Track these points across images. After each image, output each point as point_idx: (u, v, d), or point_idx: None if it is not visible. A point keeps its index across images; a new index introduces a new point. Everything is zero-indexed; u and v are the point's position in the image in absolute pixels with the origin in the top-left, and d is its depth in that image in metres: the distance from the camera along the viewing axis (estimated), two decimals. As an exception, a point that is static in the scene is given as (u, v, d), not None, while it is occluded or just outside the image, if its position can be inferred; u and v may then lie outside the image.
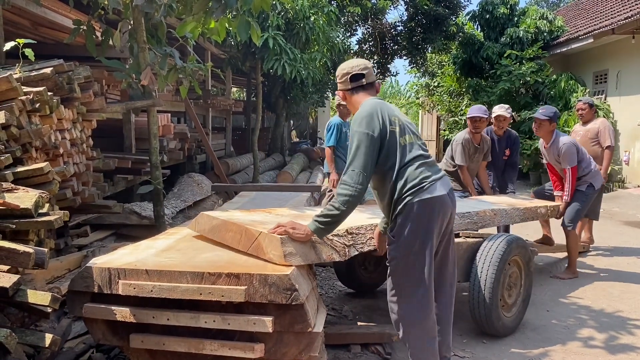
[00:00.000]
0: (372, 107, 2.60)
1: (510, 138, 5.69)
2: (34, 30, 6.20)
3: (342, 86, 2.80)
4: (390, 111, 2.63)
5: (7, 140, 3.30)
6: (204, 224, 2.84)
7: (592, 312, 4.22)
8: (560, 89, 12.21)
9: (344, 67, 2.78)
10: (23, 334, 2.28)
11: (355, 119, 2.59)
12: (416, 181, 2.52)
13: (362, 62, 2.80)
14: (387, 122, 2.57)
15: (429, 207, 2.52)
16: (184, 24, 3.87)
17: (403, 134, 2.60)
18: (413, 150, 2.60)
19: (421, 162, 2.59)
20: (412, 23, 15.81)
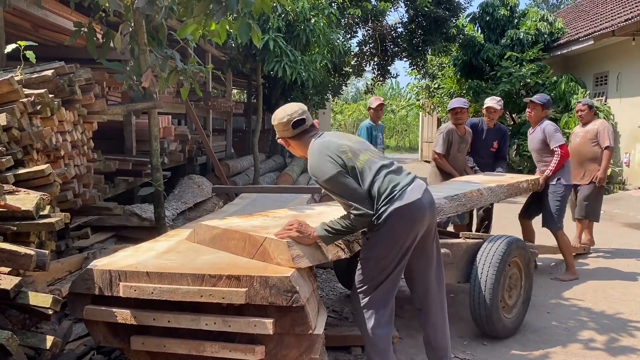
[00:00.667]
0: (318, 153, 2.60)
1: (500, 131, 5.81)
2: (35, 32, 6.21)
3: (283, 134, 2.74)
4: (336, 144, 2.62)
5: (8, 142, 3.30)
6: (204, 234, 2.79)
7: (593, 314, 4.22)
8: (560, 91, 12.21)
9: (282, 116, 2.71)
10: (24, 335, 2.29)
11: (313, 171, 2.60)
12: (387, 191, 2.54)
13: (298, 107, 2.75)
14: (337, 155, 2.57)
15: (402, 215, 2.53)
16: (184, 26, 3.88)
17: (357, 157, 2.61)
18: (373, 165, 2.61)
19: (385, 172, 2.60)
20: (412, 25, 15.83)
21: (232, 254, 2.59)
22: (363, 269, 2.65)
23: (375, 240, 2.58)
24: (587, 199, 5.93)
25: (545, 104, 5.36)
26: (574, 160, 6.02)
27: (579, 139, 6.09)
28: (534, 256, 4.44)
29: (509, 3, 14.57)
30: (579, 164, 6.01)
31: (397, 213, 2.51)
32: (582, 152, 5.99)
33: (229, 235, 2.64)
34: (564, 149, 5.16)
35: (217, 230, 2.72)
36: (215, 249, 2.69)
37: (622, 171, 11.49)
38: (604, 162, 5.84)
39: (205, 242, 2.77)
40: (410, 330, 3.76)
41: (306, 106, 2.82)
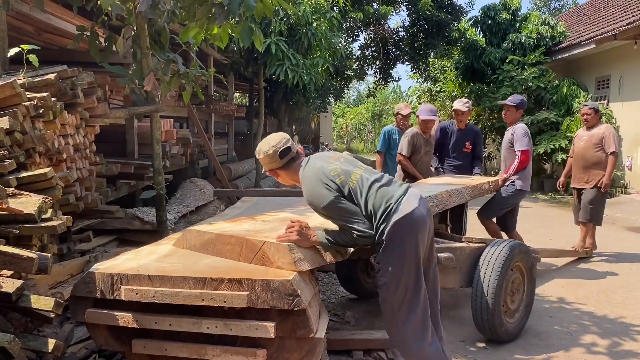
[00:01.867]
0: (311, 180, 2.58)
1: (472, 131, 5.88)
2: (38, 36, 6.23)
3: (271, 165, 2.70)
4: (327, 169, 2.60)
5: (10, 145, 3.31)
6: (193, 240, 2.71)
7: (595, 318, 4.20)
8: (562, 95, 12.22)
9: (267, 149, 2.66)
10: (26, 339, 2.29)
11: (309, 199, 2.58)
12: (382, 207, 2.52)
13: (281, 137, 2.72)
14: (330, 180, 2.55)
15: (404, 227, 2.50)
16: (187, 29, 3.89)
17: (349, 176, 2.59)
18: (364, 182, 2.59)
19: (377, 186, 2.58)
20: (414, 28, 15.85)
21: (226, 259, 2.55)
22: (388, 296, 2.58)
23: (386, 262, 2.54)
24: (591, 202, 5.93)
25: (518, 105, 5.46)
26: (577, 164, 6.14)
27: (583, 143, 6.08)
28: (537, 261, 4.43)
29: (511, 7, 14.59)
30: (583, 168, 6.02)
31: (397, 227, 2.49)
32: (586, 157, 6.00)
33: (223, 240, 2.59)
34: (526, 154, 5.25)
35: (209, 235, 2.66)
36: (206, 254, 2.63)
37: (624, 175, 11.47)
38: (609, 168, 5.84)
39: (195, 248, 2.69)
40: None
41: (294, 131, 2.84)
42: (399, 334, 2.60)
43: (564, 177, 6.61)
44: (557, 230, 7.82)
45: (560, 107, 12.22)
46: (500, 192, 5.30)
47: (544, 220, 8.73)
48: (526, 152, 5.24)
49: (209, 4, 3.57)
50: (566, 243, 6.76)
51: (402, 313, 2.56)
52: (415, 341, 2.57)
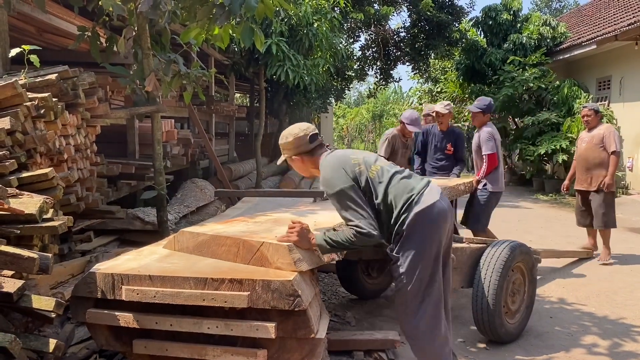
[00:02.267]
0: (331, 165, 2.60)
1: (454, 133, 5.98)
2: (39, 36, 6.24)
3: (299, 149, 2.71)
4: (348, 157, 2.64)
5: (12, 145, 3.32)
6: (186, 242, 2.67)
7: (596, 319, 4.20)
8: (563, 95, 12.21)
9: (297, 131, 2.71)
10: (27, 339, 2.29)
11: (324, 183, 2.60)
12: (405, 197, 2.53)
13: (309, 124, 2.80)
14: (351, 167, 2.57)
15: (425, 218, 2.51)
16: (188, 30, 3.89)
17: (369, 167, 2.61)
18: (385, 173, 2.60)
19: (399, 177, 2.60)
20: (415, 29, 15.87)
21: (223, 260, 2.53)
22: (403, 287, 2.56)
23: (405, 253, 2.53)
24: (601, 207, 5.85)
25: (484, 109, 5.46)
26: (580, 166, 6.08)
27: (584, 145, 6.04)
28: (537, 262, 4.43)
29: (512, 7, 14.59)
30: (585, 170, 5.98)
31: (418, 218, 2.50)
32: (588, 158, 5.95)
33: (218, 241, 2.57)
34: (493, 157, 5.31)
35: (203, 237, 2.62)
36: (200, 256, 2.60)
37: (625, 176, 11.46)
38: (611, 168, 5.79)
39: (188, 250, 2.66)
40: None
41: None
42: (411, 326, 2.59)
43: (569, 180, 6.53)
44: (558, 231, 7.82)
45: (561, 108, 12.22)
46: (478, 200, 5.38)
47: (544, 221, 8.72)
48: (492, 155, 5.31)
49: (210, 4, 3.58)
50: (567, 244, 6.76)
51: (415, 305, 2.55)
52: (426, 335, 2.57)
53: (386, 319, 4.08)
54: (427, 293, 2.55)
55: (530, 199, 11.54)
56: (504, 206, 10.41)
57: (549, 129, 12.12)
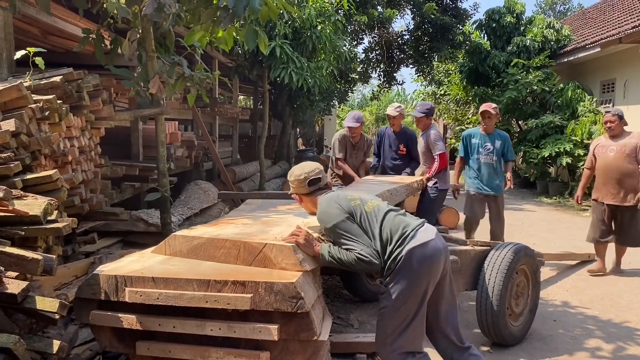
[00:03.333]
0: (326, 202, 2.70)
1: (406, 134, 6.17)
2: (44, 38, 6.26)
3: (298, 190, 2.87)
4: (345, 194, 2.76)
5: (16, 147, 3.34)
6: (179, 246, 2.65)
7: (600, 323, 4.19)
8: (567, 98, 12.18)
9: (299, 173, 2.84)
10: (31, 340, 2.30)
11: (319, 217, 2.69)
12: (399, 232, 2.57)
13: (316, 166, 2.89)
14: (344, 202, 2.66)
15: (417, 255, 2.53)
16: (192, 32, 3.90)
17: (365, 203, 2.70)
18: (381, 209, 2.69)
19: (395, 214, 2.69)
20: (418, 32, 15.85)
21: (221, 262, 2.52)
22: (385, 320, 2.60)
23: (393, 287, 2.55)
24: (633, 224, 5.42)
25: (427, 113, 5.70)
26: (607, 178, 5.43)
27: (613, 154, 5.40)
28: (541, 264, 4.42)
29: (515, 10, 14.58)
30: (616, 182, 5.36)
31: (412, 253, 2.53)
32: (620, 169, 5.33)
33: (216, 244, 2.56)
34: (444, 157, 5.56)
35: (199, 240, 2.60)
36: (195, 259, 2.58)
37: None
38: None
39: (182, 254, 2.63)
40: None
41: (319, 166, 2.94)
42: (386, 353, 2.63)
43: (582, 190, 5.92)
44: (561, 234, 7.79)
45: (565, 111, 12.19)
46: (429, 196, 5.63)
47: (548, 224, 8.70)
48: (443, 154, 5.55)
49: (214, 7, 3.59)
50: (570, 247, 6.74)
51: (392, 338, 2.59)
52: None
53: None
54: (406, 328, 2.58)
55: (534, 201, 11.51)
56: (507, 209, 10.35)
57: (552, 132, 12.09)
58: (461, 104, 16.91)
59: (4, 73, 4.25)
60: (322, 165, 3.16)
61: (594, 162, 5.65)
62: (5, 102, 3.45)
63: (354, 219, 2.62)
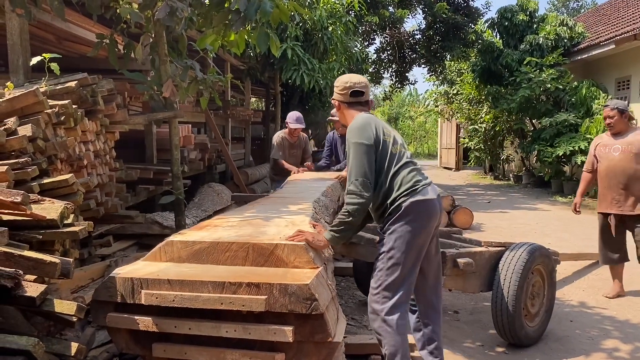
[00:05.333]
0: (365, 120, 2.77)
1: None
2: (59, 44, 6.34)
3: (340, 97, 2.93)
4: (383, 124, 2.83)
5: (33, 152, 3.38)
6: (178, 252, 2.54)
7: (617, 323, 4.14)
8: (581, 96, 12.06)
9: (347, 80, 2.91)
10: (49, 342, 2.33)
11: (350, 130, 2.76)
12: (410, 184, 2.68)
13: (363, 80, 2.94)
14: (380, 132, 2.74)
15: (422, 208, 2.66)
16: (204, 36, 3.93)
17: (395, 144, 2.77)
18: (403, 158, 2.77)
19: (412, 167, 2.76)
20: (430, 31, 15.82)
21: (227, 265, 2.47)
22: (381, 268, 2.69)
23: (393, 233, 2.65)
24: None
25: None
26: (611, 182, 4.67)
27: (617, 154, 4.62)
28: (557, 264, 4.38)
29: (528, 8, 14.47)
30: (622, 187, 4.59)
31: (417, 205, 2.64)
32: (626, 171, 4.56)
33: (220, 247, 2.50)
34: None
35: (200, 244, 2.52)
36: (198, 264, 2.50)
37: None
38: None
39: (180, 260, 2.54)
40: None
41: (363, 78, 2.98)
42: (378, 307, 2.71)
43: (580, 196, 5.24)
44: (577, 234, 7.72)
45: (580, 109, 12.06)
46: None
47: (563, 224, 8.62)
48: None
49: (225, 10, 3.61)
50: (585, 246, 6.66)
51: (387, 287, 2.67)
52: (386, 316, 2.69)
53: (404, 323, 4.06)
54: (402, 282, 2.67)
55: (549, 200, 11.41)
56: (522, 208, 10.32)
57: (567, 130, 11.98)
58: (474, 103, 16.81)
59: (20, 79, 4.32)
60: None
61: (595, 164, 4.88)
62: (22, 107, 3.50)
63: (376, 150, 2.70)
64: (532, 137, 13.44)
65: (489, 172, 18.57)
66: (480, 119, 16.39)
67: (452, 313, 4.35)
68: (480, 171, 19.78)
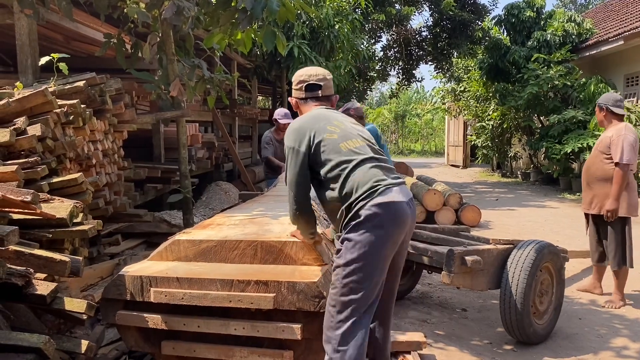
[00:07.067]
0: (304, 120, 2.45)
1: None
2: (67, 44, 6.38)
3: (296, 93, 2.64)
4: (330, 119, 2.43)
5: (42, 152, 3.41)
6: (184, 251, 2.57)
7: (626, 321, 4.12)
8: (589, 93, 11.97)
9: (302, 74, 2.62)
10: (60, 340, 2.35)
11: (287, 131, 2.46)
12: (367, 185, 2.23)
13: (322, 73, 2.62)
14: (320, 133, 2.35)
15: (385, 212, 2.19)
16: (211, 35, 3.94)
17: (346, 139, 2.36)
18: (359, 154, 2.33)
19: (373, 164, 2.32)
20: (437, 28, 15.75)
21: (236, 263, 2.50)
22: (335, 286, 2.21)
23: (351, 243, 2.19)
24: (611, 240, 4.43)
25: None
26: (583, 180, 4.68)
27: (592, 151, 4.63)
28: (565, 261, 4.36)
29: (535, 4, 14.38)
30: (586, 185, 4.58)
31: (378, 209, 2.18)
32: (590, 169, 4.54)
33: (228, 246, 2.52)
34: None
35: (208, 243, 2.54)
36: (205, 262, 2.53)
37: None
38: (615, 187, 4.28)
39: (187, 259, 2.56)
40: (438, 337, 3.73)
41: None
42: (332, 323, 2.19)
43: None
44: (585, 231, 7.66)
45: (588, 106, 11.96)
46: None
47: (571, 221, 8.57)
48: None
49: (232, 9, 3.62)
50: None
51: (345, 302, 2.18)
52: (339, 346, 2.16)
53: (412, 321, 4.06)
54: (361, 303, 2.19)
55: (557, 198, 11.35)
56: (530, 206, 10.28)
57: (575, 127, 11.90)
58: (481, 100, 16.74)
59: (29, 79, 4.35)
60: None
61: None
62: (31, 107, 3.53)
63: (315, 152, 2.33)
64: (540, 134, 13.37)
65: (497, 170, 18.50)
66: (487, 116, 16.32)
67: (460, 311, 4.34)
68: (487, 169, 19.70)
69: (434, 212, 7.99)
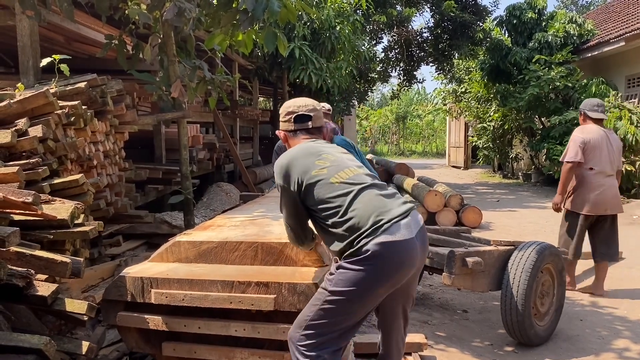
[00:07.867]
0: (292, 156, 2.26)
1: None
2: (68, 45, 6.38)
3: (284, 126, 2.44)
4: (319, 154, 2.26)
5: (44, 153, 3.41)
6: (184, 252, 2.56)
7: (628, 323, 4.11)
8: (591, 94, 11.94)
9: (290, 105, 2.44)
10: (61, 341, 2.35)
11: (275, 165, 2.30)
12: (371, 221, 2.05)
13: (310, 103, 2.45)
14: (308, 171, 2.18)
15: (389, 253, 2.03)
16: (212, 36, 3.94)
17: (338, 171, 2.18)
18: (355, 185, 2.15)
19: (372, 194, 2.14)
20: (438, 30, 15.75)
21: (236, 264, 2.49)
22: (315, 303, 2.09)
23: (346, 275, 2.05)
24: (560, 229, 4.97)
25: None
26: None
27: None
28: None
29: (537, 5, 14.38)
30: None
31: (381, 250, 2.01)
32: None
33: (229, 247, 2.52)
34: None
35: (208, 244, 2.53)
36: (205, 264, 2.52)
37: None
38: (560, 183, 4.80)
39: (187, 260, 2.55)
40: (439, 338, 3.73)
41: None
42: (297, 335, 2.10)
43: None
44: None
45: (589, 107, 11.97)
46: None
47: (573, 222, 8.56)
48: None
49: (233, 10, 3.62)
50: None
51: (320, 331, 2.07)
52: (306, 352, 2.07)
53: (413, 322, 4.06)
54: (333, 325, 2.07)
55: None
56: (531, 207, 10.27)
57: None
58: (482, 101, 16.73)
59: (30, 80, 4.35)
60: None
61: None
62: (32, 108, 3.53)
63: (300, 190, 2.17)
64: (541, 135, 13.35)
65: (498, 171, 18.48)
66: (488, 117, 16.31)
67: (460, 312, 4.34)
68: (488, 170, 19.69)
69: (435, 213, 7.99)
